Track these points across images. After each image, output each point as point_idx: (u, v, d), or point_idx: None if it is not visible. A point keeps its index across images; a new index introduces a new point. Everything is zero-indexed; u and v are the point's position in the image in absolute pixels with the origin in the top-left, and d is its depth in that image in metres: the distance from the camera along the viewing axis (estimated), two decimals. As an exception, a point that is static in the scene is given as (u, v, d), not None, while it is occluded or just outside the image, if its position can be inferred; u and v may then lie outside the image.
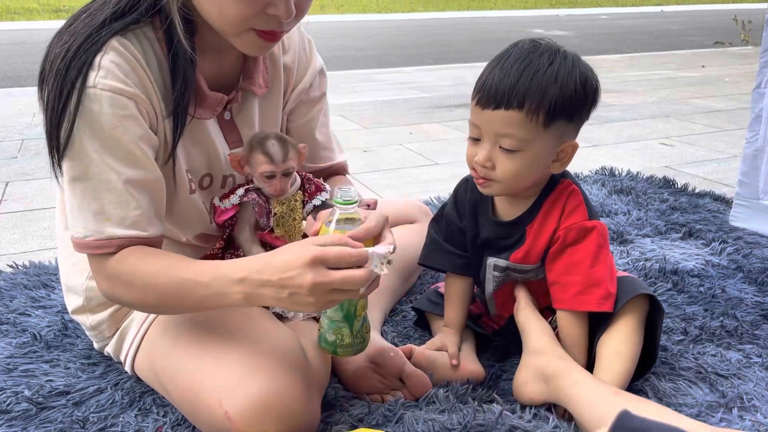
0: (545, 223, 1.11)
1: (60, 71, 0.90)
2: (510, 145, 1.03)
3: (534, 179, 1.09)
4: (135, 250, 0.95)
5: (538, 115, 1.01)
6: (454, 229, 1.21)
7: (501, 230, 1.14)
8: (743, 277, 1.59)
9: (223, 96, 1.06)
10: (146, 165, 0.95)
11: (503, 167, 1.05)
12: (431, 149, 2.92)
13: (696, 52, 6.30)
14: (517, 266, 1.14)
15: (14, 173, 2.49)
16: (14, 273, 1.61)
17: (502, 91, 1.01)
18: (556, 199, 1.11)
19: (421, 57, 6.38)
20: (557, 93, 1.01)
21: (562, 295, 1.11)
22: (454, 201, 1.21)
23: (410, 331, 1.36)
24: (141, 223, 0.95)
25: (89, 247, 0.95)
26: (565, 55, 1.05)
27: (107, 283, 0.97)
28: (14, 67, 5.49)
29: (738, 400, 1.12)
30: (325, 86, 1.25)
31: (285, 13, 0.92)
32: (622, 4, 13.90)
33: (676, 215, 1.99)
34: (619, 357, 1.07)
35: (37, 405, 1.10)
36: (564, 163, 1.08)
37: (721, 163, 2.66)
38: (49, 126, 0.92)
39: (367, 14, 11.41)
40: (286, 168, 1.03)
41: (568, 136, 1.07)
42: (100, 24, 0.93)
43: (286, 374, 0.94)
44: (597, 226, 1.10)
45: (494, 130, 1.03)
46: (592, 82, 1.05)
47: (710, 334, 1.34)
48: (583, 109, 1.06)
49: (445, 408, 1.08)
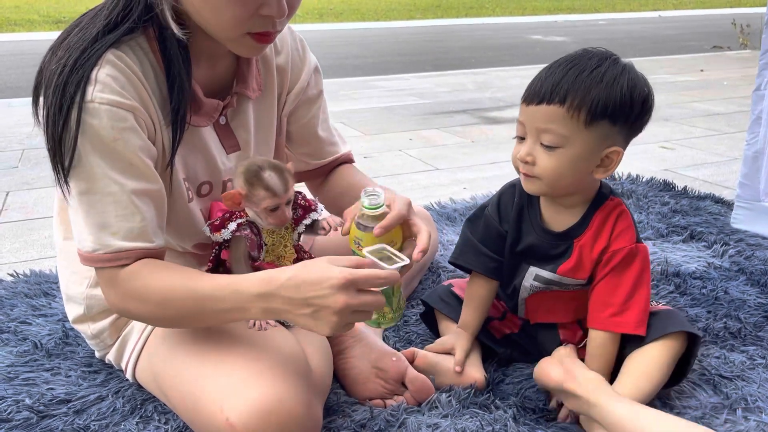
0: (596, 241, 1.11)
1: (58, 87, 0.90)
2: (550, 141, 1.03)
3: (577, 182, 1.08)
4: (146, 263, 0.94)
5: (579, 112, 1.01)
6: (492, 232, 1.20)
7: (548, 239, 1.14)
8: (746, 279, 1.58)
9: (219, 102, 1.06)
10: (148, 176, 0.95)
11: (543, 163, 1.05)
12: (431, 155, 2.92)
13: (694, 57, 6.31)
14: (563, 279, 1.14)
15: (15, 183, 2.49)
16: (15, 282, 1.61)
17: (546, 87, 1.03)
18: (606, 216, 1.11)
19: (419, 64, 6.39)
20: (601, 93, 1.01)
21: (599, 315, 1.10)
22: (498, 204, 1.20)
23: (412, 336, 1.35)
24: (147, 234, 0.95)
25: (98, 261, 0.94)
26: (616, 60, 1.05)
27: (118, 297, 0.96)
28: (15, 78, 5.50)
29: (742, 401, 1.12)
30: (321, 84, 1.26)
31: (278, 12, 0.93)
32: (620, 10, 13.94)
33: (678, 218, 1.99)
34: (647, 378, 1.06)
35: (38, 413, 1.09)
36: (608, 170, 1.07)
37: (721, 166, 2.66)
38: (51, 143, 0.92)
39: (365, 22, 11.44)
40: (288, 197, 1.02)
41: (613, 141, 1.05)
42: (93, 38, 0.92)
43: (288, 380, 0.93)
44: (642, 250, 1.11)
45: (536, 126, 1.04)
46: (642, 89, 1.04)
47: (714, 336, 1.33)
48: (630, 115, 1.04)
49: (447, 413, 1.07)
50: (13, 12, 11.47)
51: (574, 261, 1.12)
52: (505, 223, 1.18)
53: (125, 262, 0.94)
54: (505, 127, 3.48)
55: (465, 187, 2.44)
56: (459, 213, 2.08)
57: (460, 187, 2.46)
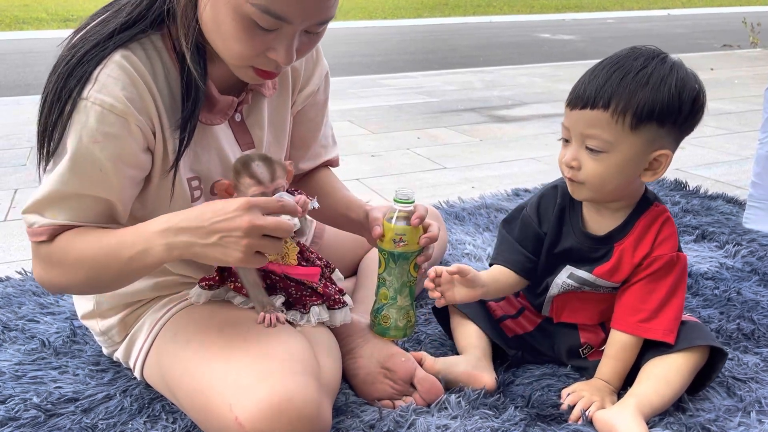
0: (638, 246, 1.09)
1: (62, 76, 0.91)
2: (595, 146, 1.01)
3: (624, 187, 1.06)
4: (67, 233, 0.96)
5: (624, 116, 0.98)
6: (529, 232, 1.18)
7: (589, 243, 1.12)
8: (758, 280, 1.56)
9: (234, 99, 1.05)
10: (112, 185, 0.95)
11: (588, 169, 1.03)
12: (439, 153, 2.91)
13: (704, 55, 6.26)
14: (597, 281, 1.12)
15: (23, 180, 2.49)
16: (23, 280, 1.61)
17: (590, 91, 1.00)
18: (651, 222, 1.09)
19: (427, 62, 6.37)
20: (647, 95, 0.98)
21: (628, 318, 1.09)
22: (538, 205, 1.18)
23: (421, 336, 1.34)
24: (79, 220, 0.97)
25: (32, 234, 0.97)
26: (664, 59, 1.02)
27: (43, 269, 0.98)
28: (23, 76, 5.52)
29: (756, 404, 1.10)
30: (329, 91, 1.26)
31: (285, 60, 0.92)
32: (629, 8, 13.87)
33: (689, 218, 1.97)
34: (668, 386, 1.05)
35: (46, 412, 1.09)
36: (657, 173, 1.04)
37: (732, 165, 2.64)
38: (42, 127, 0.93)
39: (373, 20, 11.42)
40: (275, 188, 1.01)
41: (662, 143, 1.02)
42: (108, 34, 0.93)
43: (297, 379, 0.92)
44: (682, 259, 1.09)
45: (580, 131, 1.02)
46: (692, 88, 1.00)
47: (727, 338, 1.32)
48: (679, 116, 1.00)
49: (457, 414, 1.06)
50: (21, 10, 11.52)
51: (612, 263, 1.10)
52: (545, 224, 1.16)
53: (43, 238, 0.96)
54: (514, 125, 3.47)
55: (473, 186, 2.43)
56: (467, 212, 2.06)
57: (468, 185, 2.45)
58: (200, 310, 1.07)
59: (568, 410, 1.08)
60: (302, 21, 0.89)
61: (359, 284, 1.39)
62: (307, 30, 0.92)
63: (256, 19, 0.87)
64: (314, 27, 0.92)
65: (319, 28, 0.93)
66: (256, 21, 0.87)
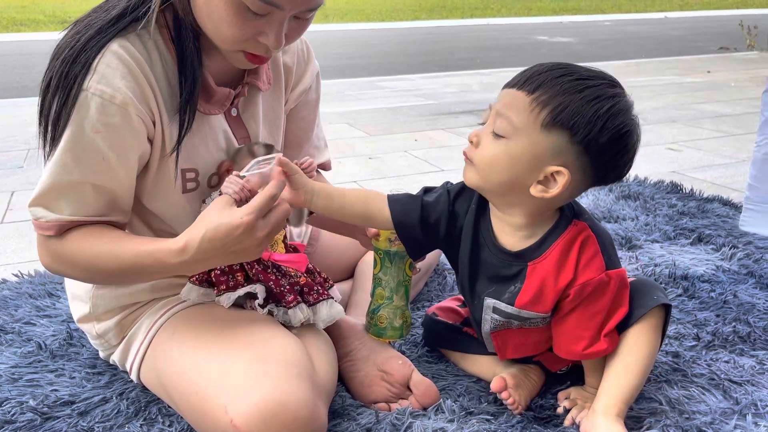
0: (560, 272, 1.00)
1: (66, 61, 0.93)
2: (500, 129, 0.95)
3: (510, 186, 0.97)
4: (77, 230, 0.99)
5: (542, 109, 0.92)
6: (439, 207, 1.07)
7: (501, 256, 1.03)
8: (755, 282, 1.57)
9: (230, 90, 1.07)
10: (117, 174, 0.97)
11: (483, 149, 0.97)
12: (436, 156, 2.91)
13: (701, 58, 6.28)
14: (522, 313, 1.03)
15: (20, 183, 2.49)
16: (19, 282, 1.61)
17: (526, 75, 0.96)
18: (569, 244, 1.00)
19: (425, 64, 6.38)
20: (575, 102, 0.91)
21: (571, 348, 1.04)
22: (459, 191, 1.08)
23: (417, 339, 1.34)
24: (88, 214, 0.98)
25: (39, 227, 0.99)
26: (614, 87, 0.94)
27: (49, 258, 1.02)
28: (20, 78, 5.52)
29: (752, 406, 1.10)
30: (320, 91, 1.27)
31: (274, 44, 0.95)
32: (626, 11, 13.90)
33: (685, 220, 1.98)
34: (627, 370, 1.02)
35: (42, 415, 1.09)
36: (548, 192, 0.95)
37: (729, 168, 2.65)
38: (47, 111, 0.94)
39: (371, 23, 11.44)
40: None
41: (565, 161, 0.93)
42: (110, 20, 0.95)
43: (293, 382, 0.92)
44: (614, 277, 1.00)
45: (497, 108, 0.97)
46: (623, 122, 0.93)
47: (723, 340, 1.32)
48: (595, 142, 0.92)
49: (453, 418, 1.06)
50: (18, 12, 11.52)
51: (533, 292, 1.01)
52: (459, 211, 1.07)
53: (51, 233, 0.98)
54: (511, 128, 3.46)
55: (471, 189, 2.43)
56: (465, 214, 2.06)
57: (465, 188, 2.45)
58: (197, 313, 1.07)
59: (564, 413, 1.09)
60: (292, 7, 0.92)
61: (356, 287, 1.39)
62: (297, 15, 0.95)
63: (248, 3, 0.90)
64: (304, 13, 0.95)
65: (308, 14, 0.96)
66: (248, 5, 0.90)
